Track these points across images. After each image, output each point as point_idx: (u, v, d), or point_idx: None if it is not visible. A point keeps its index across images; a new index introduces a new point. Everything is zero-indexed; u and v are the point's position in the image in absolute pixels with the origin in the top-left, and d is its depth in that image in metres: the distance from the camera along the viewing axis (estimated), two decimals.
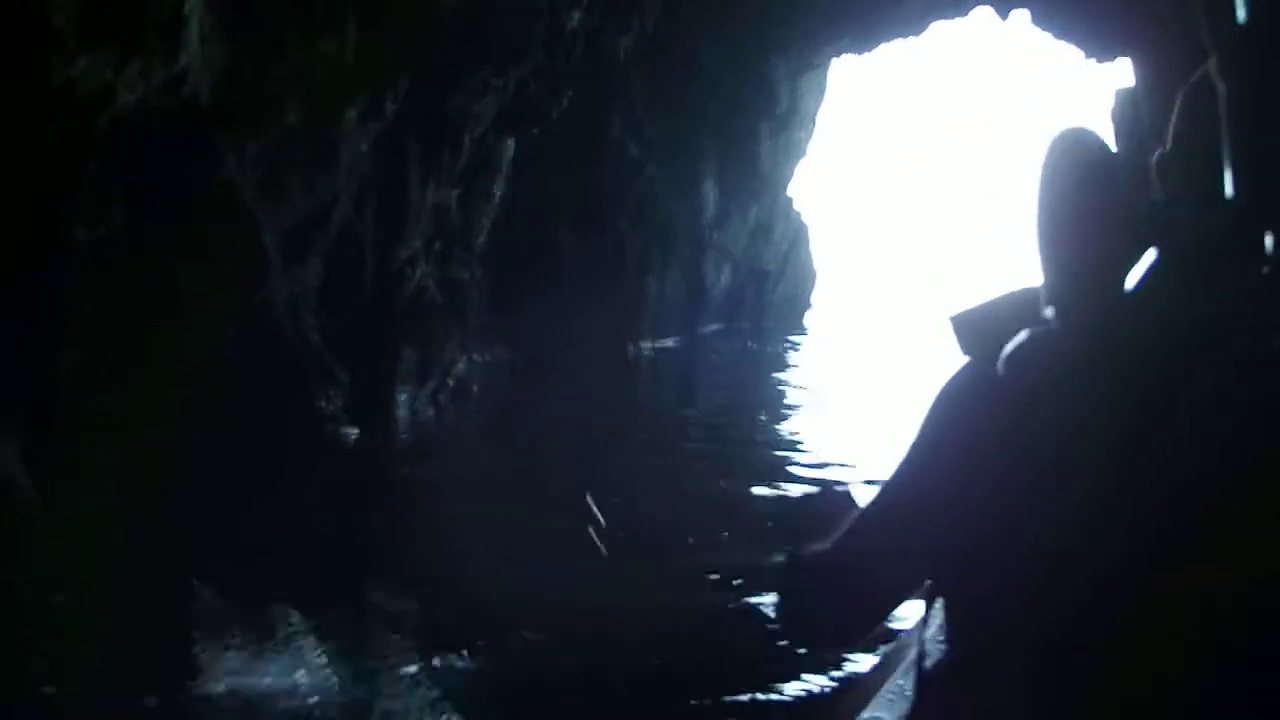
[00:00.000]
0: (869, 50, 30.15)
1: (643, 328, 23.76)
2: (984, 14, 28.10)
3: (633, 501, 9.25)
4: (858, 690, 3.74)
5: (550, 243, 20.99)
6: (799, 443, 14.20)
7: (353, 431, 12.27)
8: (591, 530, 3.66)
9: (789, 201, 32.97)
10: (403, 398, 14.06)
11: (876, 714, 3.35)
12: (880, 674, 3.69)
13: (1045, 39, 27.87)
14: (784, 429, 15.75)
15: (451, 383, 15.38)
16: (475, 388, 15.94)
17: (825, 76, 32.35)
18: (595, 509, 3.81)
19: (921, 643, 2.37)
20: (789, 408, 17.01)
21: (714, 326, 29.40)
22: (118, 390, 9.59)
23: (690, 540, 9.29)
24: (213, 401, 10.44)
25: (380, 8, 12.59)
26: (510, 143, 18.32)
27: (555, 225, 21.04)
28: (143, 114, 9.67)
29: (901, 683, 3.29)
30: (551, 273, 20.90)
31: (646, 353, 23.68)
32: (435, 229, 15.61)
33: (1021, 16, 27.32)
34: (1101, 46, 26.59)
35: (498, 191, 18.22)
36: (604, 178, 21.72)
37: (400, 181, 14.03)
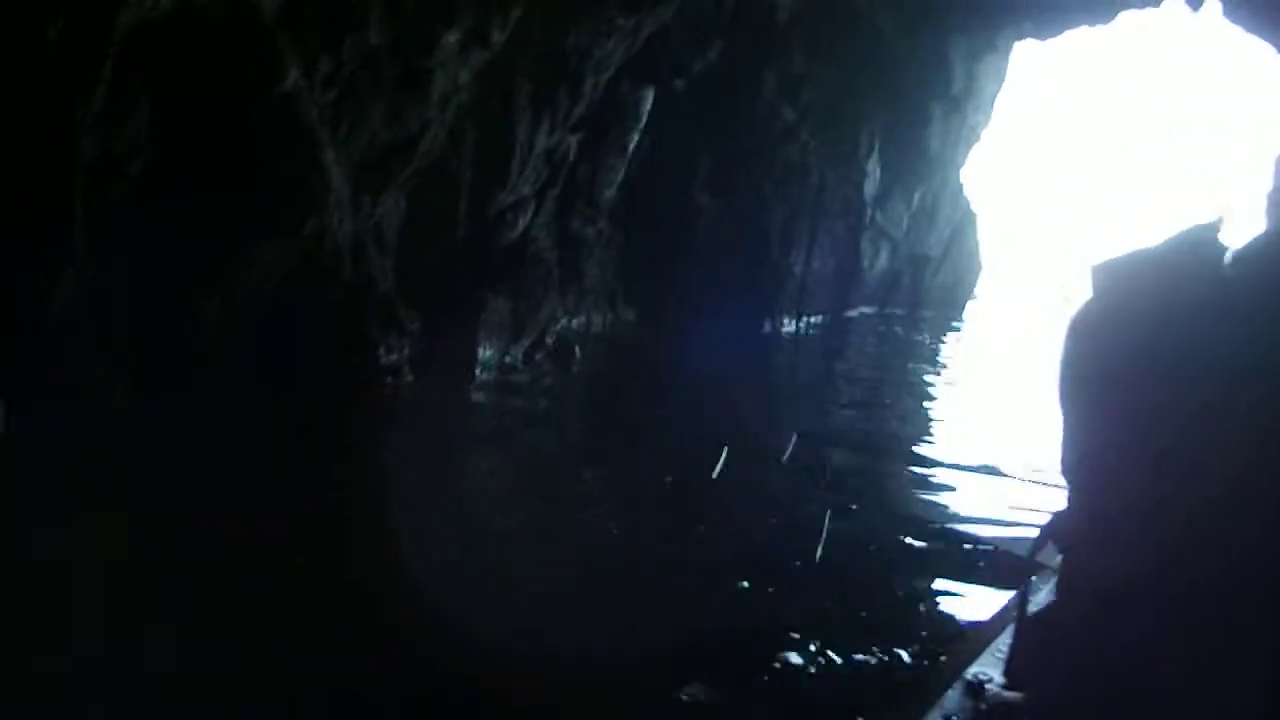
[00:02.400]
0: (1053, 36, 28.18)
1: (784, 304, 22.38)
2: (1176, 5, 25.95)
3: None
4: (965, 645, 3.88)
5: (689, 204, 19.75)
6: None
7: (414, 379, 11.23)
8: None
9: (959, 186, 31.23)
10: (489, 354, 13.00)
11: (982, 668, 3.50)
12: (988, 631, 3.82)
13: (1237, 34, 25.72)
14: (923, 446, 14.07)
15: (550, 342, 14.27)
16: (578, 351, 14.74)
17: (1006, 61, 30.44)
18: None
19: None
20: (928, 418, 15.16)
21: (865, 309, 27.89)
22: (127, 330, 8.71)
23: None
24: (251, 348, 9.54)
25: None
26: (648, 92, 17.12)
27: (695, 186, 19.78)
28: (182, 16, 8.74)
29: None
30: (688, 236, 19.65)
31: (787, 331, 22.29)
32: (551, 176, 14.50)
33: (1214, 8, 25.15)
34: None
35: (630, 143, 17.06)
36: (752, 140, 20.35)
37: (505, 120, 12.93)
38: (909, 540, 8.02)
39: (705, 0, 17.01)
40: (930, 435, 13.04)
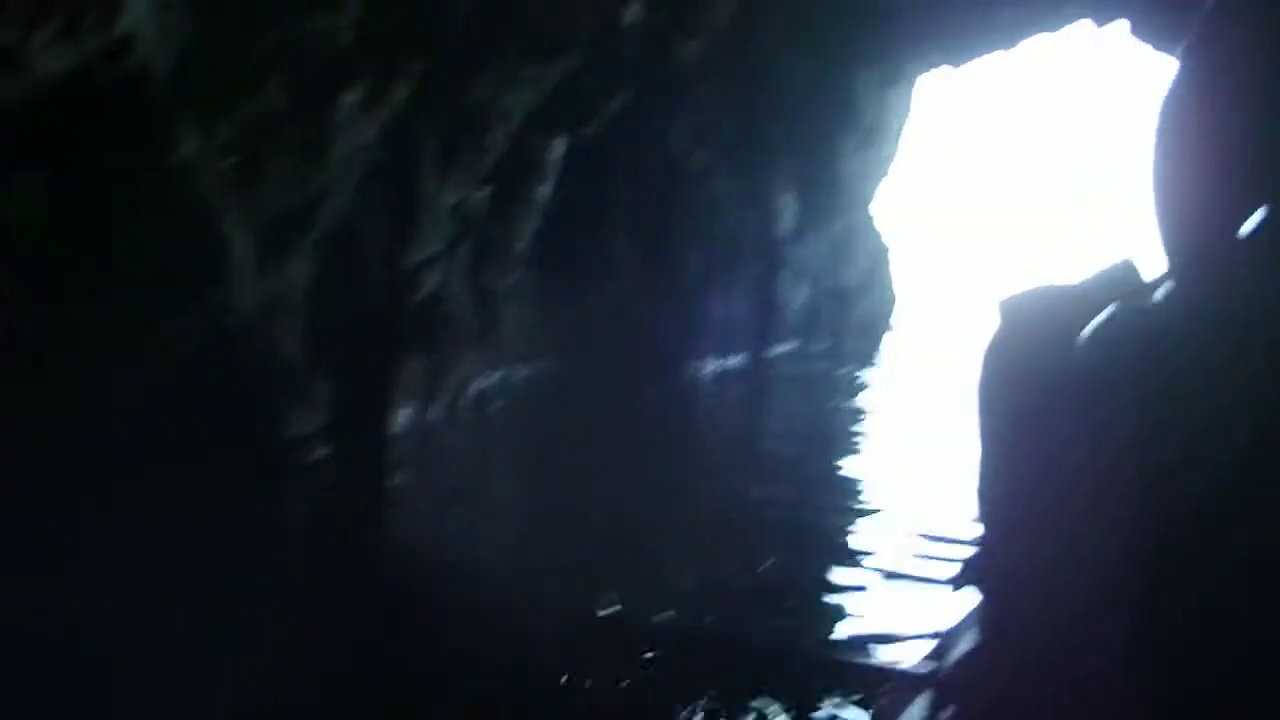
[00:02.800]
0: (959, 64, 28.45)
1: (705, 346, 22.23)
2: (1081, 28, 26.22)
3: None
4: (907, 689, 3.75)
5: (606, 251, 19.59)
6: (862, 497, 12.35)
7: (324, 454, 10.92)
8: None
9: (871, 220, 31.36)
10: (406, 416, 12.71)
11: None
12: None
13: (1145, 52, 26.04)
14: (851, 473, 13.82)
15: (469, 401, 14.02)
16: (499, 404, 14.49)
17: (911, 92, 30.69)
18: None
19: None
20: (855, 450, 14.94)
21: (787, 346, 27.82)
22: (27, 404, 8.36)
23: None
24: (157, 427, 9.20)
25: None
26: (559, 142, 16.97)
27: (612, 233, 19.63)
28: (74, 84, 8.44)
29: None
30: (606, 283, 19.47)
31: (708, 373, 22.14)
32: (461, 232, 14.26)
33: (1121, 28, 25.45)
34: None
35: (542, 194, 16.88)
36: (665, 185, 20.25)
37: (412, 177, 12.70)
38: None
39: (612, 46, 16.86)
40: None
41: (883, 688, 5.87)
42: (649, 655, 6.73)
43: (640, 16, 17.06)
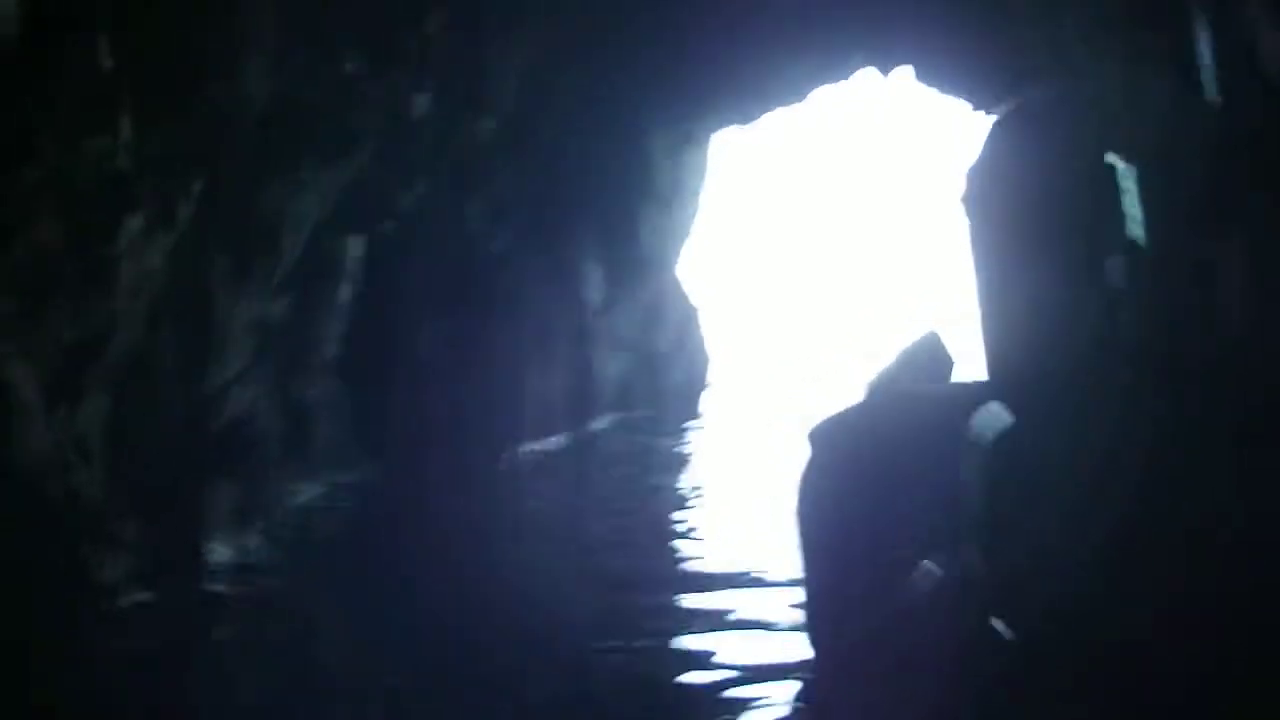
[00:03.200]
0: (751, 121, 28.88)
1: (522, 430, 21.92)
2: (867, 75, 26.90)
3: None
4: None
5: (415, 347, 19.20)
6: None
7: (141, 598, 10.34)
8: None
9: (677, 282, 31.54)
10: (221, 550, 12.15)
11: None
12: None
13: (931, 95, 26.81)
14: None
15: (283, 520, 13.50)
16: (315, 525, 14.00)
17: (706, 152, 31.04)
18: None
19: None
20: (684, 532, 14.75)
21: (607, 419, 27.68)
22: None
23: None
24: None
25: (160, 99, 10.85)
26: (357, 241, 16.63)
27: (418, 328, 19.25)
28: None
29: None
30: (418, 380, 19.05)
31: (528, 457, 21.82)
32: (260, 345, 13.77)
33: (905, 74, 26.20)
34: (989, 97, 25.71)
35: (344, 296, 16.49)
36: (467, 274, 19.99)
37: (203, 297, 12.21)
38: None
39: (403, 139, 16.60)
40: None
41: None
42: None
43: (428, 108, 16.88)
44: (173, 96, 11.05)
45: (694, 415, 30.45)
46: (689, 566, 12.84)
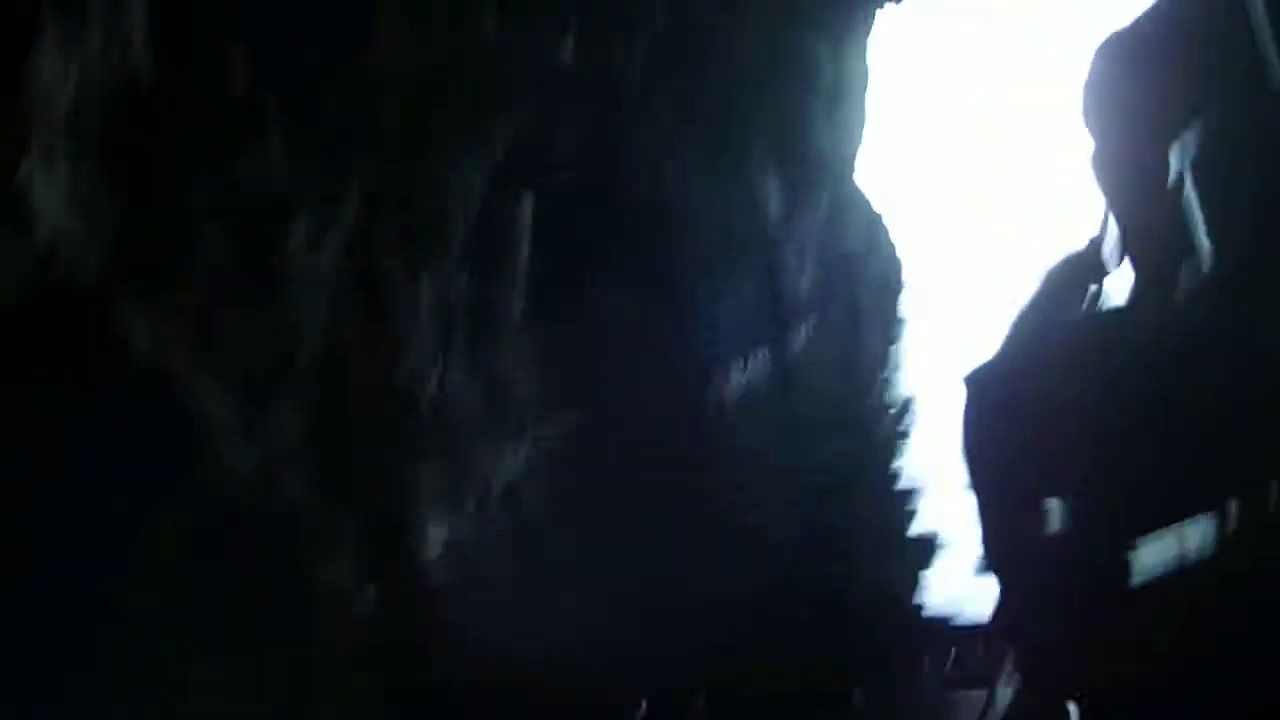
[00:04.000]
0: None
1: (725, 357, 21.56)
2: None
3: None
4: None
5: (599, 294, 18.99)
6: None
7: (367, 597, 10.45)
8: None
9: (858, 188, 30.67)
10: (437, 529, 12.21)
11: None
12: None
13: None
14: None
15: (495, 493, 13.49)
16: (526, 490, 13.96)
17: (866, 51, 30.04)
18: None
19: None
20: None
21: (806, 329, 27.11)
22: None
23: None
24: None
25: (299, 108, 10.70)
26: (526, 199, 16.43)
27: (597, 275, 19.02)
28: None
29: None
30: (611, 323, 18.83)
31: (735, 384, 21.44)
32: (448, 323, 13.73)
33: None
34: None
35: (521, 257, 16.34)
36: (637, 209, 19.62)
37: (381, 285, 12.18)
38: None
39: (553, 88, 16.29)
40: None
41: None
42: None
43: (573, 50, 16.56)
44: (310, 100, 10.94)
45: (895, 318, 29.78)
46: None
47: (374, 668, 9.44)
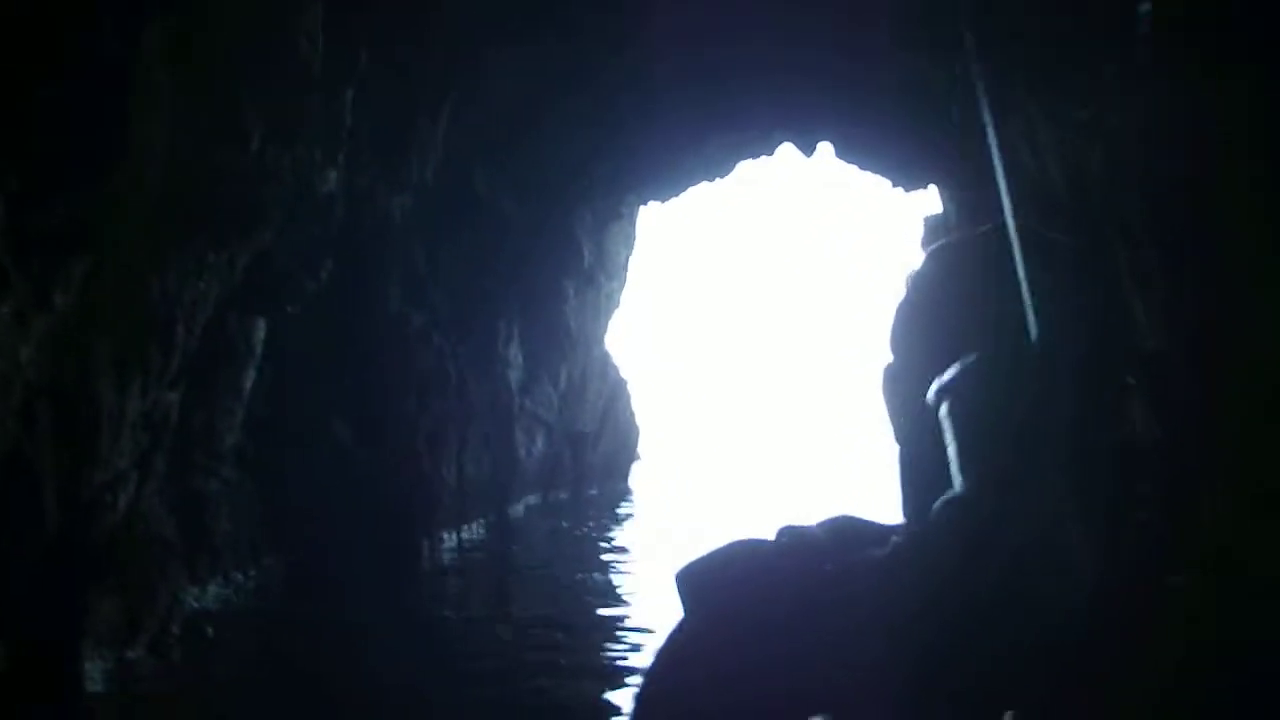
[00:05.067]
0: (675, 196, 28.49)
1: (440, 519, 20.95)
2: (789, 151, 26.55)
3: None
4: None
5: (326, 434, 18.20)
6: None
7: None
8: None
9: (605, 357, 30.91)
10: (100, 665, 11.07)
11: None
12: None
13: (852, 171, 26.70)
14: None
15: (175, 629, 12.41)
16: (210, 630, 12.91)
17: (633, 225, 30.57)
18: None
19: None
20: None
21: (530, 500, 26.85)
22: None
23: None
24: None
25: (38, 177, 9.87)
26: (259, 324, 15.63)
27: (330, 412, 18.27)
28: None
29: None
30: (330, 468, 18.00)
31: (447, 547, 20.83)
32: (154, 440, 12.72)
33: (826, 150, 25.96)
34: (907, 177, 25.65)
35: (246, 383, 15.48)
36: (383, 354, 19.05)
37: (85, 389, 11.17)
38: None
39: (310, 218, 15.68)
40: None
41: None
42: None
43: (339, 182, 16.02)
44: (53, 173, 10.09)
45: (623, 491, 29.75)
46: None
47: None
